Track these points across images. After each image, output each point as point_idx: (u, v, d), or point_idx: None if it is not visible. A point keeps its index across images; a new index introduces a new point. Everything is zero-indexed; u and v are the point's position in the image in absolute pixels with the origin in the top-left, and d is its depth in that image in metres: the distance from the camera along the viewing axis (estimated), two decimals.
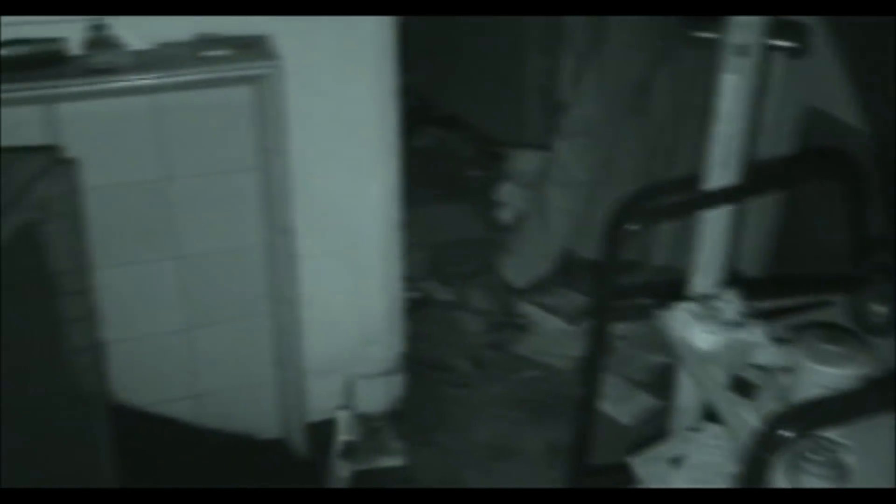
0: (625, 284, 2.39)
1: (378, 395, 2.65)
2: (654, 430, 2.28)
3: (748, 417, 1.57)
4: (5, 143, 1.82)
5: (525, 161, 3.57)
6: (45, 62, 1.92)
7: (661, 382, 2.56)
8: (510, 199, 3.57)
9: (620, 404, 2.67)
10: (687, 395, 2.06)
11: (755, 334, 1.72)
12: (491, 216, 3.63)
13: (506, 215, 3.57)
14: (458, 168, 4.03)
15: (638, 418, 2.66)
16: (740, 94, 1.82)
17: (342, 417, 2.46)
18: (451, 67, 4.26)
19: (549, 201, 3.14)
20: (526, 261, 3.22)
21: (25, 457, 1.95)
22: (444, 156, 4.10)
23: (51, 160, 1.85)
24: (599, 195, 3.01)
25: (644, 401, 2.70)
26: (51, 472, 1.98)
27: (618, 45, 2.95)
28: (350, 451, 2.41)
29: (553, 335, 3.02)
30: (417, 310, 2.99)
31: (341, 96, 2.27)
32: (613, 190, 2.86)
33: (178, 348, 2.34)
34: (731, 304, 1.80)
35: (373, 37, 2.24)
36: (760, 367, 1.66)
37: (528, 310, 3.13)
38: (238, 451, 2.38)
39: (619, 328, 2.88)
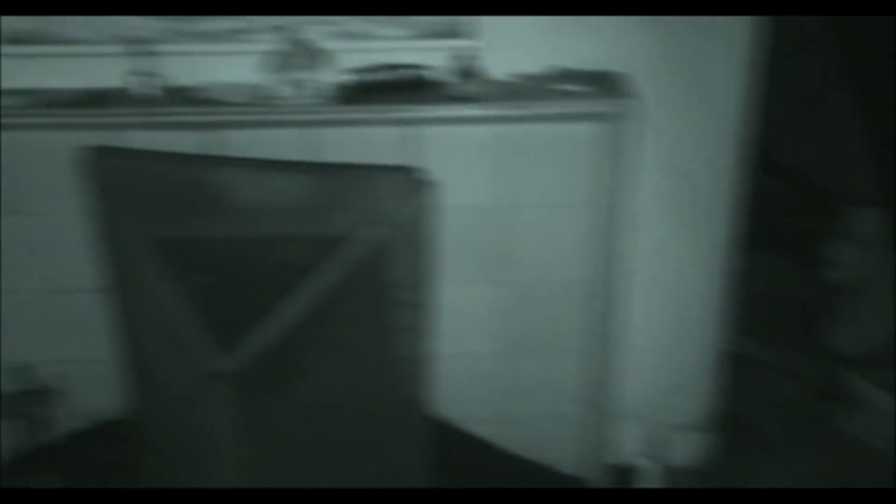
0: None
1: (683, 448, 2.53)
2: None
3: None
4: (369, 160, 1.96)
5: (864, 219, 3.26)
6: (411, 87, 2.07)
7: None
8: (844, 258, 3.27)
9: None
10: None
11: None
12: (817, 274, 3.35)
13: (837, 276, 3.28)
14: (786, 219, 3.78)
15: None
16: None
17: (645, 466, 2.38)
18: (787, 112, 4.02)
19: (893, 266, 2.84)
20: (859, 329, 2.94)
21: (345, 452, 2.09)
22: (772, 205, 3.86)
23: (405, 179, 1.97)
24: None
25: None
26: (364, 471, 2.11)
27: None
28: None
29: (885, 415, 2.71)
30: (732, 365, 2.83)
31: (682, 138, 2.23)
32: None
33: (492, 370, 2.39)
34: None
35: (724, 81, 2.17)
36: None
37: (858, 383, 2.84)
38: (536, 482, 2.38)
39: None
